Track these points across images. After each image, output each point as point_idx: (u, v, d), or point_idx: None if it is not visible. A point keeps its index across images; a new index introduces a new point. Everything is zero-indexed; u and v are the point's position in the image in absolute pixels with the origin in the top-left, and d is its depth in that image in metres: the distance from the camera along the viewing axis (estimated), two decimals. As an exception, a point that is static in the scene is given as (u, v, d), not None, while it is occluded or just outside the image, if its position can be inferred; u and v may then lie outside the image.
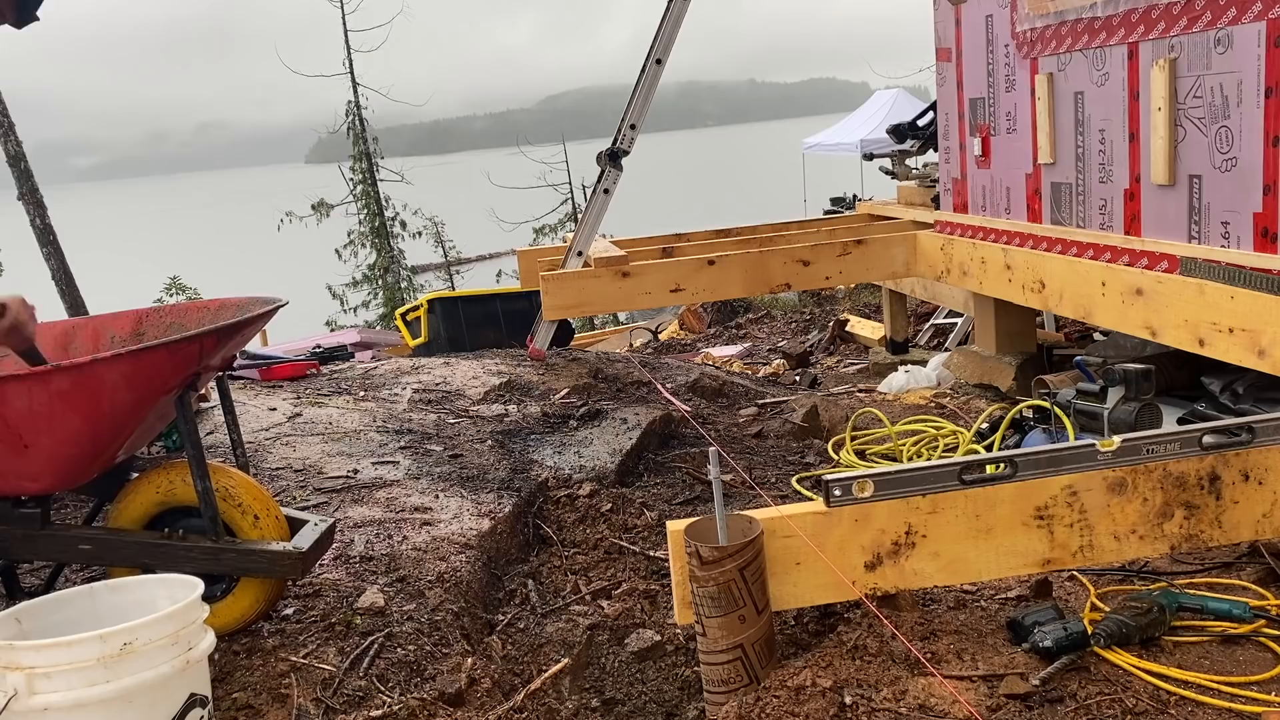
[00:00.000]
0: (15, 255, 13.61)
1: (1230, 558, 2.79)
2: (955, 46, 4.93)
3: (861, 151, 8.27)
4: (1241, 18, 3.19)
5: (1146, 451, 2.39)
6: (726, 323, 10.77)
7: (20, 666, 1.89)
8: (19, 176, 10.49)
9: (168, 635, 1.98)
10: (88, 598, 2.22)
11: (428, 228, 26.96)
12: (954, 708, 2.09)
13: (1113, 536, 2.41)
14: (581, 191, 24.64)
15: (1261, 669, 2.26)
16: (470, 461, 3.84)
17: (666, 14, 5.08)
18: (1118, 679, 2.21)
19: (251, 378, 4.99)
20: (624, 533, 3.47)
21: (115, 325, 2.93)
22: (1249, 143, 3.22)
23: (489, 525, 3.30)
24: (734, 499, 3.62)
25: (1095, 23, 3.87)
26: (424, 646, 2.64)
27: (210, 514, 2.51)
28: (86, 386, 2.31)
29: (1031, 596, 2.63)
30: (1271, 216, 3.18)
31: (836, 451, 4.24)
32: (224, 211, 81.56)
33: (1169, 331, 3.49)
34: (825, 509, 2.35)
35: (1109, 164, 3.91)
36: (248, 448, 3.69)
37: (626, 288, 4.97)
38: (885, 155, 6.68)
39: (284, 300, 2.72)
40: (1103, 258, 3.92)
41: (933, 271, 5.15)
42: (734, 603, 2.24)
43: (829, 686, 2.18)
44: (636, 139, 5.23)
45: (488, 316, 7.26)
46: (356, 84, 24.11)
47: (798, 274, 5.14)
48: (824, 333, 8.59)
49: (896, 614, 2.42)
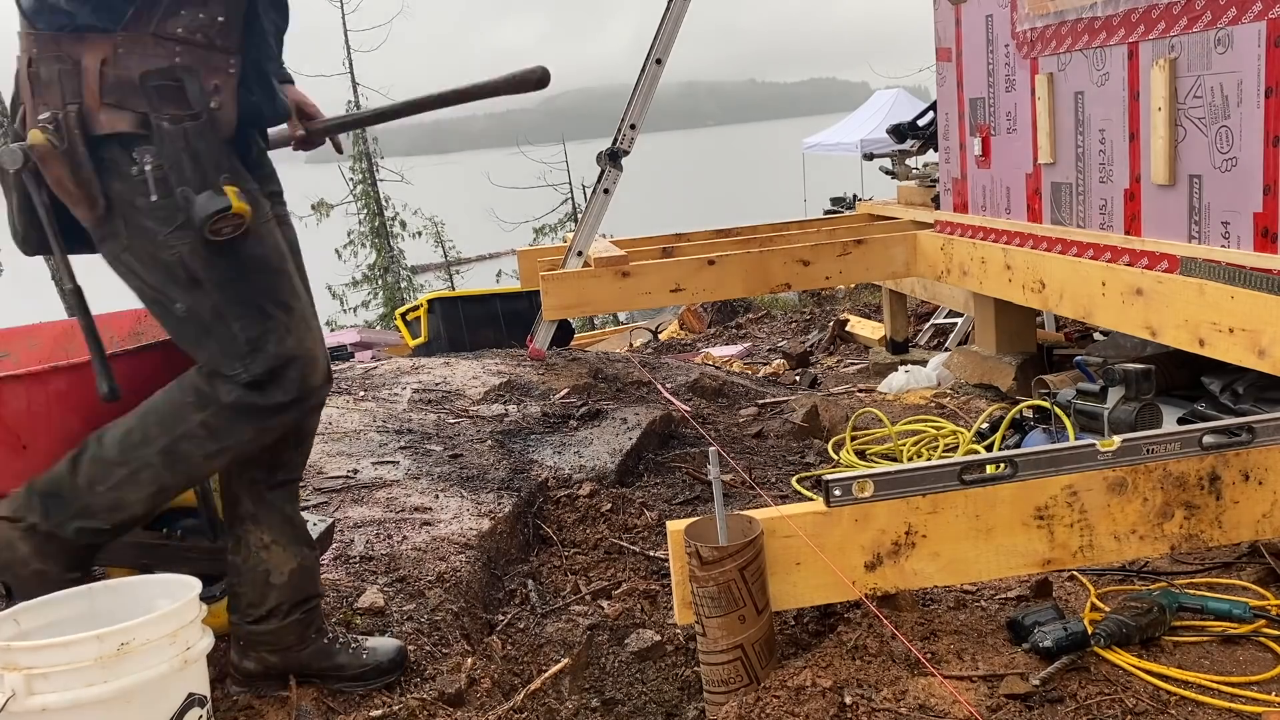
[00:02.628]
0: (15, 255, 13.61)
1: (1230, 558, 2.79)
2: (955, 46, 4.93)
3: (861, 151, 8.27)
4: (1241, 18, 3.19)
5: (1146, 451, 2.39)
6: (726, 323, 10.76)
7: (18, 667, 1.88)
8: (19, 176, 10.48)
9: (165, 635, 1.98)
10: (86, 598, 2.22)
11: (427, 228, 27.00)
12: (954, 708, 2.09)
13: (1113, 536, 2.40)
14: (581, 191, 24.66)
15: (1261, 669, 2.26)
16: (470, 461, 3.84)
17: (666, 14, 5.08)
18: (1118, 679, 2.21)
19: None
20: (624, 533, 3.47)
21: (114, 325, 2.92)
22: (1249, 143, 3.22)
23: (489, 525, 3.30)
24: (734, 499, 3.62)
25: (1095, 23, 3.87)
26: (424, 646, 2.64)
27: (208, 514, 2.51)
28: (85, 387, 2.31)
29: (1031, 596, 2.63)
30: (1271, 216, 3.18)
31: (836, 451, 4.23)
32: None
33: (1169, 331, 3.48)
34: (825, 509, 2.35)
35: (1109, 164, 3.91)
36: (247, 448, 3.68)
37: (626, 288, 4.97)
38: (885, 155, 6.68)
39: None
40: (1103, 258, 3.92)
41: (933, 271, 5.14)
42: (734, 603, 2.24)
43: (829, 686, 2.18)
44: (636, 139, 5.23)
45: (487, 316, 7.25)
46: (356, 84, 24.15)
47: (798, 274, 5.13)
48: (824, 333, 8.59)
49: (896, 614, 2.42)
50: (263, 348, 2.01)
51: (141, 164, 1.86)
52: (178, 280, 1.95)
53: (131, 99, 1.85)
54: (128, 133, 1.86)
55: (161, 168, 1.86)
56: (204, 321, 2.00)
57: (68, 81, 1.83)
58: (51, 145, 1.83)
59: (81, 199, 1.88)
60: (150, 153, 1.86)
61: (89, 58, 1.83)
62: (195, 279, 1.95)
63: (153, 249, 1.92)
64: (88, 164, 1.86)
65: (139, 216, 1.90)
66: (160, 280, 1.97)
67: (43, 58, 1.84)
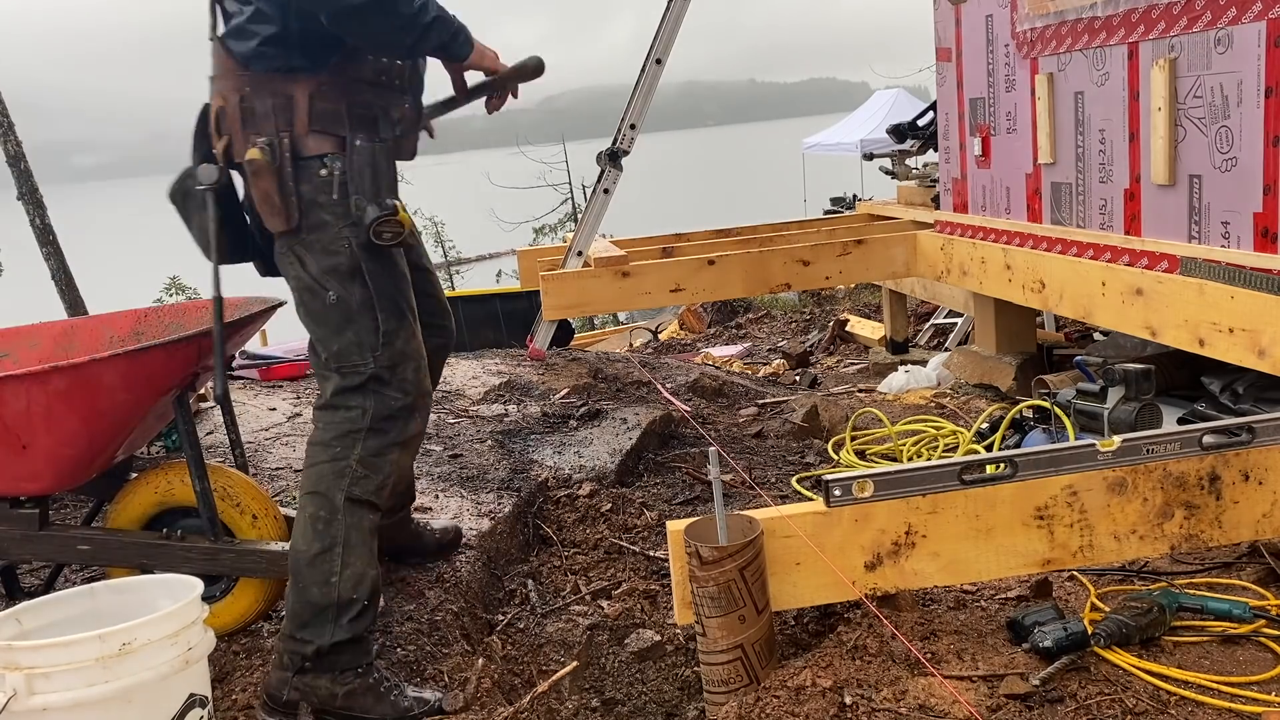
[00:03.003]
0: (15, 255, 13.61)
1: (1230, 558, 2.79)
2: (955, 46, 4.93)
3: (861, 151, 8.26)
4: (1241, 18, 3.19)
5: (1146, 451, 2.39)
6: (726, 323, 10.76)
7: (19, 667, 1.88)
8: (19, 176, 10.48)
9: (167, 635, 1.98)
10: (88, 598, 2.22)
11: (427, 228, 26.96)
12: (954, 708, 2.09)
13: (1113, 536, 2.40)
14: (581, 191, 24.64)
15: (1261, 669, 2.26)
16: (470, 461, 3.85)
17: (666, 14, 5.08)
18: (1118, 679, 2.21)
19: (251, 378, 4.98)
20: (624, 533, 3.47)
21: (114, 325, 2.93)
22: (1249, 143, 3.22)
23: (489, 525, 3.30)
24: (734, 499, 3.62)
25: (1095, 22, 3.87)
26: (424, 646, 2.64)
27: (208, 514, 2.51)
28: (84, 387, 2.31)
29: (1031, 596, 2.63)
30: (1271, 216, 3.18)
31: (836, 451, 4.23)
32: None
33: (1169, 331, 3.49)
34: (825, 509, 2.35)
35: (1109, 164, 3.91)
36: (248, 447, 3.69)
37: (626, 288, 4.97)
38: (885, 155, 6.68)
39: (283, 300, 2.72)
40: (1103, 258, 3.92)
41: (933, 271, 5.14)
42: (734, 603, 2.24)
43: (829, 686, 2.18)
44: (636, 139, 5.23)
45: (487, 316, 7.25)
46: (356, 84, 24.07)
47: (798, 274, 5.13)
48: (824, 333, 8.59)
49: (896, 614, 2.42)
50: (392, 342, 2.30)
51: (331, 169, 2.21)
52: (339, 271, 2.25)
53: (334, 125, 2.22)
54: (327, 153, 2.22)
55: (345, 174, 2.21)
56: (350, 311, 2.27)
57: (280, 113, 2.20)
58: (267, 163, 2.17)
59: (280, 209, 2.21)
60: (340, 162, 2.22)
61: (299, 93, 2.20)
62: (355, 270, 2.25)
63: (325, 240, 2.24)
64: (292, 179, 2.21)
65: (319, 211, 2.23)
66: (322, 269, 2.25)
67: (257, 94, 2.21)
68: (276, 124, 2.19)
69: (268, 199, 2.20)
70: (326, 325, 2.29)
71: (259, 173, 2.18)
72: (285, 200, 2.20)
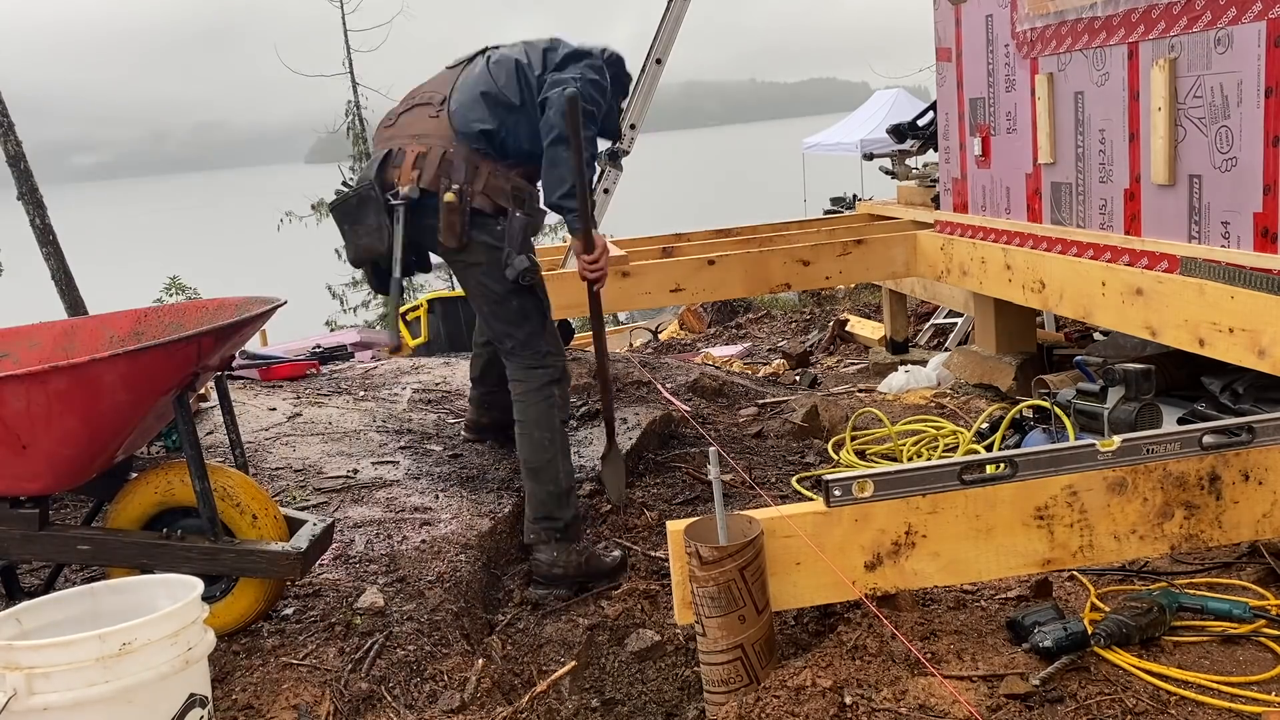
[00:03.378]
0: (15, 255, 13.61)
1: (1230, 558, 2.79)
2: (955, 46, 4.93)
3: (861, 151, 8.26)
4: (1241, 18, 3.19)
5: (1146, 451, 2.39)
6: (726, 323, 10.75)
7: (19, 666, 1.89)
8: (18, 176, 10.49)
9: (167, 635, 1.98)
10: (88, 598, 2.22)
11: (428, 228, 26.90)
12: (954, 708, 2.09)
13: (1113, 536, 2.40)
14: (581, 191, 24.54)
15: (1261, 669, 2.26)
16: (470, 461, 3.85)
17: (666, 14, 5.08)
18: (1118, 679, 2.21)
19: (251, 378, 4.98)
20: (624, 533, 3.47)
21: (114, 325, 2.93)
22: (1249, 143, 3.22)
23: (489, 525, 3.31)
24: (734, 499, 3.62)
25: (1095, 23, 3.87)
26: (424, 646, 2.64)
27: (208, 514, 2.51)
28: (84, 387, 2.31)
29: (1031, 596, 2.63)
30: (1271, 216, 3.18)
31: (836, 451, 4.23)
32: (224, 211, 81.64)
33: (1169, 331, 3.49)
34: (825, 509, 2.35)
35: (1109, 164, 3.91)
36: (248, 448, 3.69)
37: (626, 288, 4.97)
38: (885, 155, 6.68)
39: (283, 300, 2.72)
40: (1103, 258, 3.92)
41: (933, 271, 5.15)
42: (734, 603, 2.24)
43: (829, 686, 2.18)
44: (636, 139, 5.22)
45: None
46: (356, 84, 24.05)
47: (798, 274, 5.13)
48: (824, 333, 8.59)
49: (896, 614, 2.42)
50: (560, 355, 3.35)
51: (503, 228, 3.15)
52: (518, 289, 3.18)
53: (497, 197, 3.15)
54: (487, 212, 3.14)
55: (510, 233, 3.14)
56: (529, 313, 3.23)
57: (470, 174, 3.13)
58: (457, 203, 3.09)
59: (455, 236, 3.11)
60: (504, 225, 3.15)
61: (484, 167, 3.16)
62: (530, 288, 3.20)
63: (499, 270, 3.16)
64: (465, 217, 3.12)
65: (495, 254, 3.15)
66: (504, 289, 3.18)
67: (457, 154, 3.14)
68: (465, 179, 3.11)
69: (451, 226, 3.10)
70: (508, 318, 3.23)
71: (451, 209, 3.09)
72: (461, 229, 3.10)
